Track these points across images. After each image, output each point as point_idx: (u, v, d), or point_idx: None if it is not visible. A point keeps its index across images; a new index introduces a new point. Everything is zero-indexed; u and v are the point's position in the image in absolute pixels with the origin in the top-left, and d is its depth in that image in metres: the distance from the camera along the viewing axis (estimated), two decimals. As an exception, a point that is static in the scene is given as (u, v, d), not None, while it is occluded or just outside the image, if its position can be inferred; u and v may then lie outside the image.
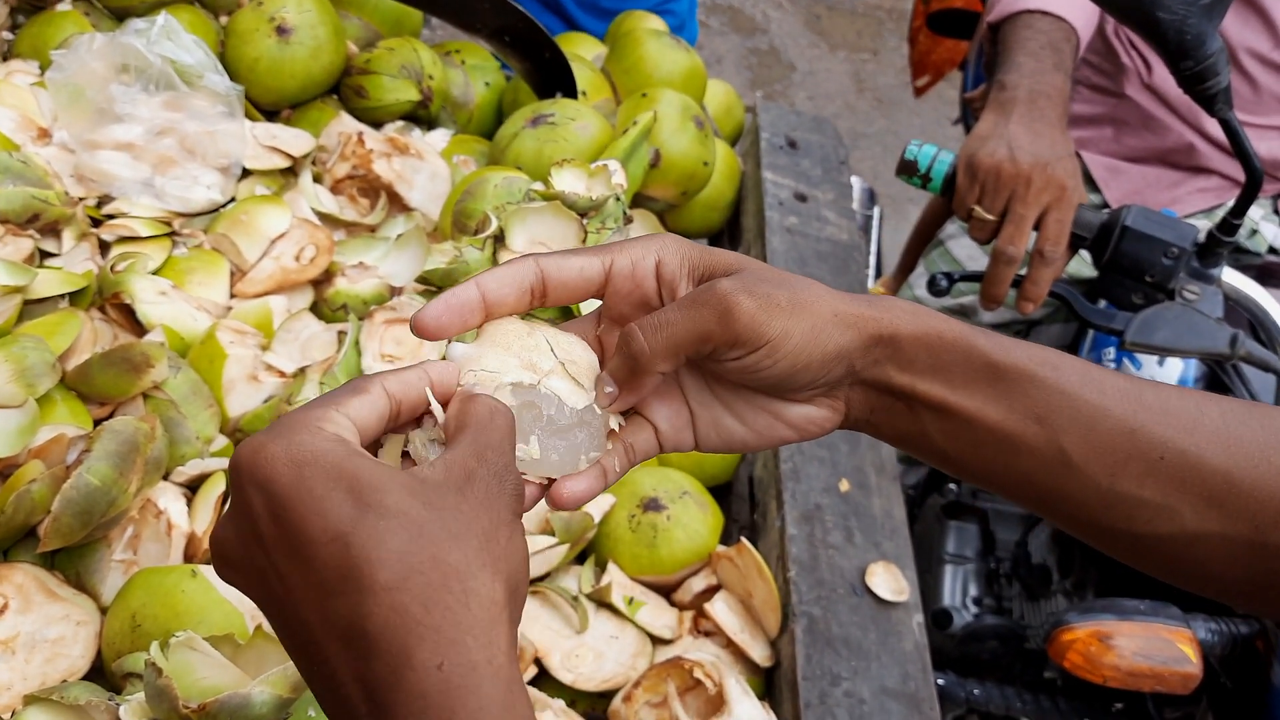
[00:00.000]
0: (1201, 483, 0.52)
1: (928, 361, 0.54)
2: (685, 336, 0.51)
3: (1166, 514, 0.53)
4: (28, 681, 0.79)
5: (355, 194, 1.23)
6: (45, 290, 0.97)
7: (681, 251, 0.54)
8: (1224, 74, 0.98)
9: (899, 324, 0.53)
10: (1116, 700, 1.59)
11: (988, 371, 0.53)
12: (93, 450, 0.79)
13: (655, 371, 0.53)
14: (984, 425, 0.54)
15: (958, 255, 1.75)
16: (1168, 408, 0.53)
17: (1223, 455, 0.52)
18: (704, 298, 0.51)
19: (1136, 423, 0.53)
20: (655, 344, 0.51)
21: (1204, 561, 0.54)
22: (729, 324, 0.50)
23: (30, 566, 0.84)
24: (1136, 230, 1.11)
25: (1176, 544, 0.53)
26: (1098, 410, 0.53)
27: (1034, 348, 0.54)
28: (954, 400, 0.54)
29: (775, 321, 0.51)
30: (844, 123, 3.89)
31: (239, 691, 0.68)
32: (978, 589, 1.69)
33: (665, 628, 0.98)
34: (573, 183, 1.03)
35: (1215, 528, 0.52)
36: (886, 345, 0.53)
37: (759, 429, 0.57)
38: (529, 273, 0.54)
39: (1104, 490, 0.53)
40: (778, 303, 0.51)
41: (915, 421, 0.55)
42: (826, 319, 0.52)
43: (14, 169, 1.02)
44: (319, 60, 1.28)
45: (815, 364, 0.53)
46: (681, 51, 1.42)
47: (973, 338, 0.54)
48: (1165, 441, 0.52)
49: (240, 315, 1.05)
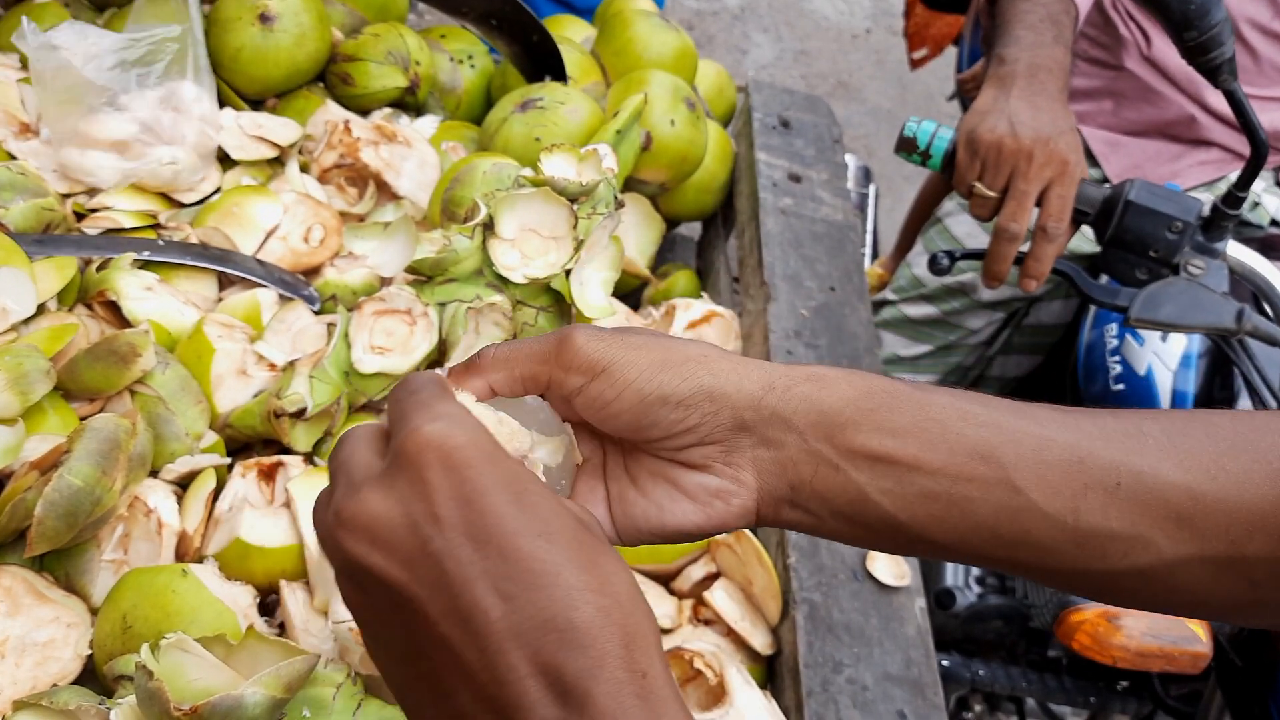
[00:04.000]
0: (1165, 503, 0.49)
1: (848, 412, 0.51)
2: (523, 351, 0.52)
3: (1139, 544, 0.50)
4: (18, 686, 0.78)
5: (343, 183, 1.21)
6: (44, 292, 0.96)
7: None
8: (1228, 45, 0.96)
9: (796, 374, 0.52)
10: (1122, 679, 1.58)
11: (918, 413, 0.50)
12: (73, 450, 0.78)
13: (486, 370, 0.53)
14: (926, 471, 0.50)
15: (956, 233, 1.73)
16: (1107, 430, 0.51)
17: (1178, 470, 0.49)
18: (549, 334, 0.53)
19: (1083, 450, 0.50)
20: (499, 352, 0.53)
21: (1188, 588, 0.51)
22: (563, 348, 0.51)
23: (18, 569, 0.83)
24: (1140, 205, 1.10)
25: (1157, 574, 0.51)
26: (1041, 439, 0.50)
27: (956, 390, 0.52)
28: (888, 448, 0.50)
29: (614, 350, 0.51)
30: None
31: (231, 693, 0.67)
32: (981, 569, 1.68)
33: (664, 617, 0.97)
34: (563, 168, 1.01)
35: (1191, 550, 0.50)
36: (785, 395, 0.51)
37: (658, 501, 0.54)
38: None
39: (1069, 528, 0.50)
40: (624, 338, 0.52)
41: (848, 484, 0.51)
42: (688, 357, 0.51)
43: (18, 183, 1.00)
44: (303, 48, 1.26)
45: (671, 399, 0.51)
46: (671, 32, 1.39)
47: (893, 382, 0.52)
48: (1118, 464, 0.50)
49: (228, 309, 1.03)
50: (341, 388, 0.96)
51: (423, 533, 0.43)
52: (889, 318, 1.82)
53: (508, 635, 0.41)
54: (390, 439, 0.47)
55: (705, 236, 1.54)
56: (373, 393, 0.98)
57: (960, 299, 1.74)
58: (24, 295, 0.92)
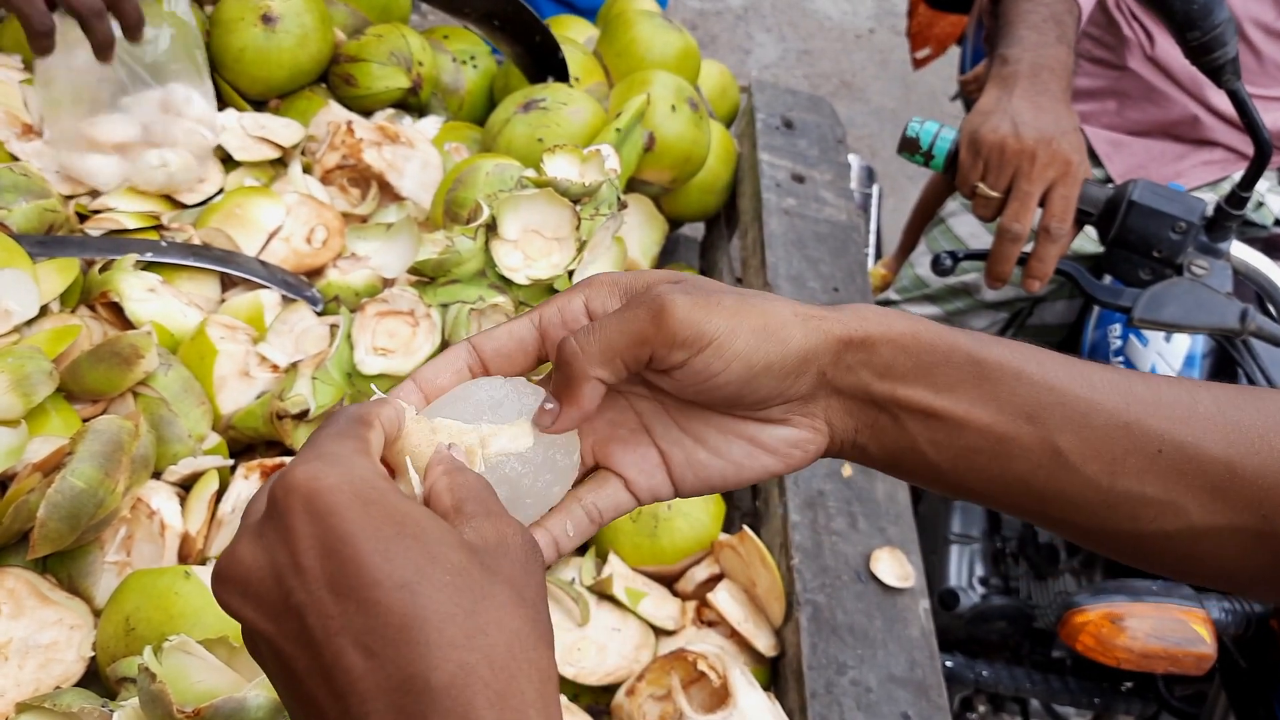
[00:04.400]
0: (1203, 474, 0.50)
1: (907, 365, 0.51)
2: (619, 338, 0.49)
3: (1171, 510, 0.51)
4: (21, 688, 0.78)
5: (345, 184, 1.21)
6: (46, 294, 0.96)
7: (611, 283, 0.52)
8: (1231, 44, 0.96)
9: (869, 327, 0.51)
10: (1126, 680, 1.58)
11: (972, 370, 0.51)
12: (76, 452, 0.78)
13: (591, 378, 0.50)
14: (974, 428, 0.51)
15: (960, 233, 1.73)
16: (1160, 398, 0.51)
17: (1222, 443, 0.50)
18: (638, 299, 0.50)
19: (1130, 416, 0.51)
20: (589, 346, 0.49)
21: (1214, 556, 0.52)
22: (664, 322, 0.48)
23: (22, 570, 0.83)
24: (1143, 205, 1.09)
25: (1184, 540, 0.52)
26: (1090, 405, 0.51)
27: (1016, 344, 0.52)
28: (940, 404, 0.51)
29: (716, 319, 0.48)
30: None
31: (234, 695, 0.66)
32: (984, 569, 1.68)
33: (668, 619, 0.97)
34: (566, 169, 1.01)
35: (1222, 520, 0.51)
36: (858, 349, 0.51)
37: (736, 459, 0.54)
38: (463, 355, 0.53)
39: (1104, 489, 0.51)
40: (719, 302, 0.49)
41: (903, 434, 0.53)
42: (782, 317, 0.50)
43: (21, 185, 1.00)
44: (306, 49, 1.26)
45: (775, 367, 0.50)
46: (674, 32, 1.39)
47: (952, 336, 0.52)
48: (1162, 433, 0.50)
49: (231, 310, 1.03)
50: (344, 389, 0.96)
51: (286, 584, 0.41)
52: (893, 318, 1.81)
53: (370, 694, 0.39)
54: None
55: (708, 237, 1.54)
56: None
57: (963, 299, 1.74)
58: (26, 297, 0.92)
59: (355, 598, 0.40)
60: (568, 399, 0.50)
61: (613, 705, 0.91)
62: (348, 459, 0.43)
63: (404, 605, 0.40)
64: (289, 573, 0.41)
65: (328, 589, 0.40)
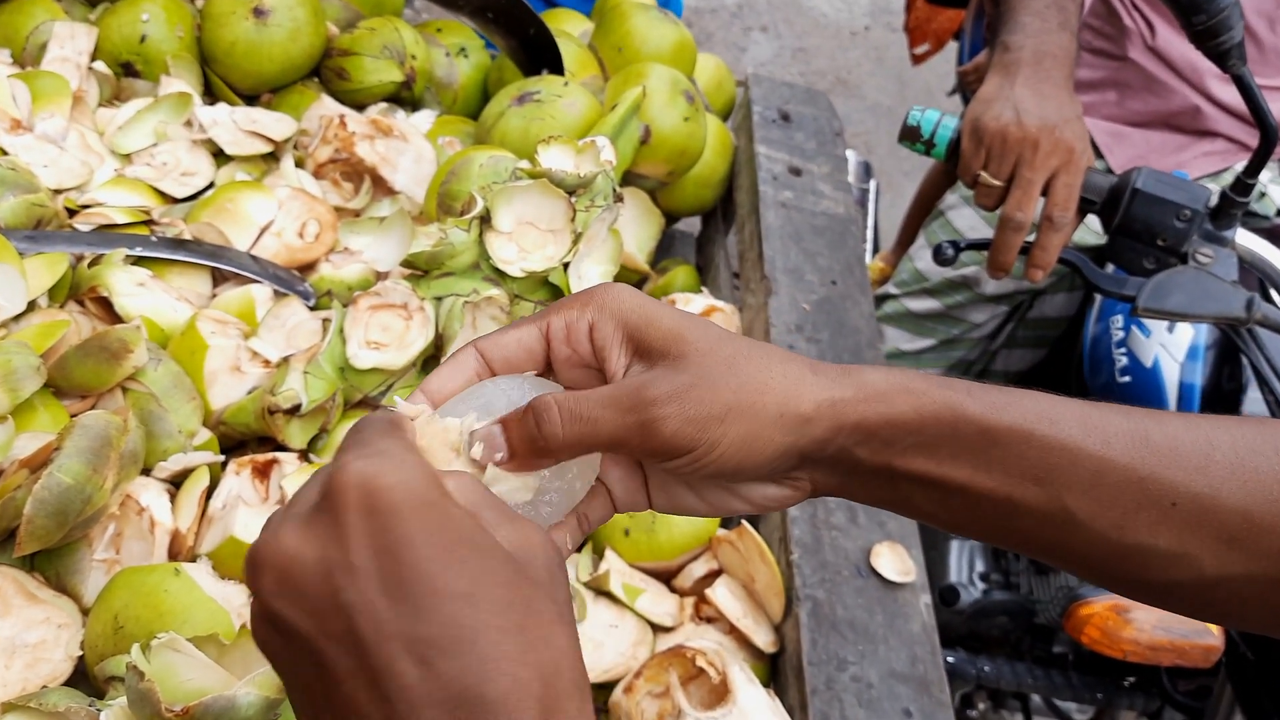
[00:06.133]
0: (1219, 525, 0.48)
1: (908, 442, 0.50)
2: (601, 438, 0.48)
3: (1184, 561, 0.49)
4: (8, 688, 0.76)
5: (338, 178, 1.19)
6: (34, 289, 0.95)
7: (618, 314, 0.50)
8: (1237, 28, 0.95)
9: (867, 410, 0.49)
10: (1129, 674, 1.57)
11: (979, 439, 0.49)
12: (63, 447, 0.76)
13: (559, 458, 0.49)
14: (977, 492, 0.50)
15: (959, 226, 1.72)
16: (1177, 447, 0.49)
17: (1239, 493, 0.48)
18: (631, 402, 0.48)
19: (1145, 470, 0.49)
20: (569, 435, 0.48)
21: (1228, 602, 0.50)
22: (649, 438, 0.47)
23: (8, 568, 0.81)
24: (1147, 193, 1.08)
25: (1197, 589, 0.50)
26: (1102, 462, 0.49)
27: (1028, 400, 0.50)
28: (940, 472, 0.50)
29: (701, 434, 0.48)
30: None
31: (224, 694, 0.65)
32: (984, 564, 1.67)
33: (666, 615, 0.96)
34: (560, 160, 1.00)
35: (1238, 569, 0.49)
36: (853, 432, 0.50)
37: (711, 501, 0.54)
38: (470, 361, 0.52)
39: (1113, 543, 0.49)
40: (709, 413, 0.48)
41: (896, 491, 0.52)
42: (768, 422, 0.49)
43: (8, 179, 0.99)
44: (298, 42, 1.25)
45: (751, 467, 0.50)
46: (670, 25, 1.38)
47: (961, 405, 0.49)
48: (1177, 486, 0.48)
49: (222, 304, 1.02)
50: (337, 384, 0.94)
51: (335, 581, 0.40)
52: (891, 312, 1.80)
53: (422, 704, 0.38)
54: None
55: (705, 231, 1.52)
56: (368, 388, 0.96)
57: (963, 292, 1.73)
58: (14, 291, 0.91)
59: (413, 603, 0.39)
60: (522, 462, 0.49)
61: (610, 703, 0.89)
62: (404, 458, 0.42)
63: (463, 616, 0.39)
64: (340, 569, 0.40)
65: (382, 591, 0.39)
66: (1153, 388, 1.42)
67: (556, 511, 0.52)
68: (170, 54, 1.24)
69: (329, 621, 0.40)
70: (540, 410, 0.48)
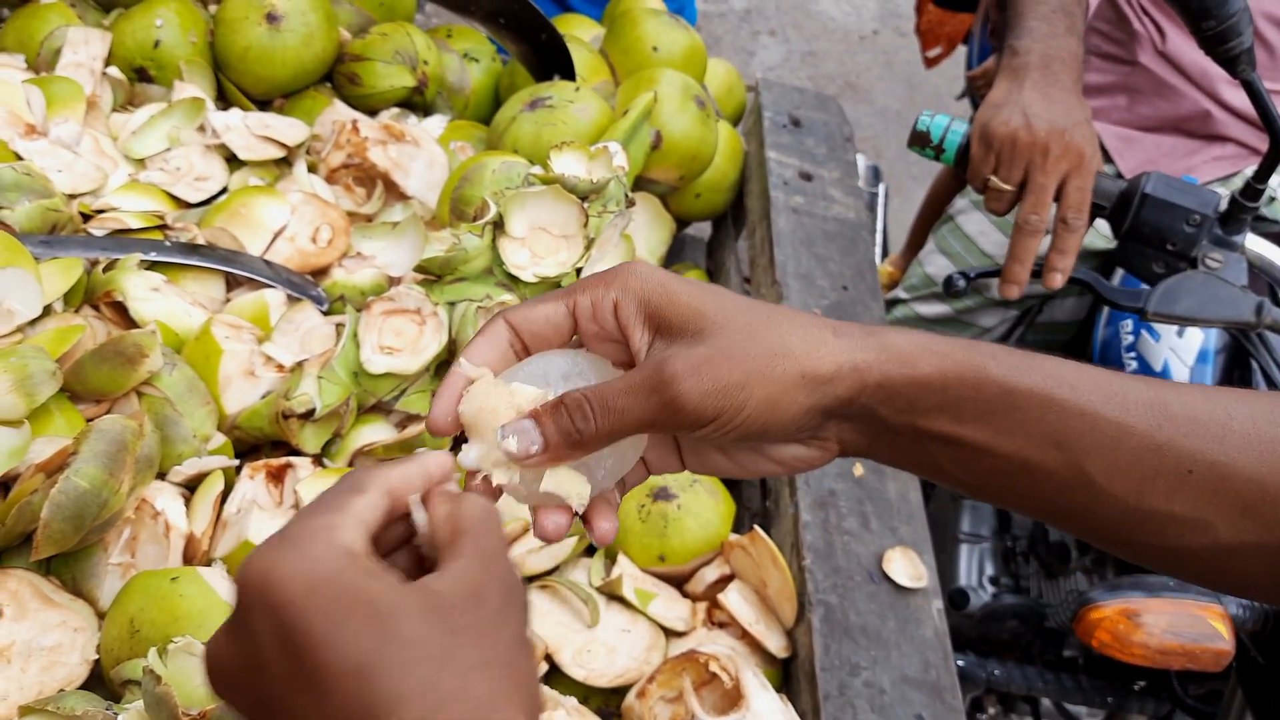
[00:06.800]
0: (1234, 493, 0.50)
1: (931, 401, 0.51)
2: (630, 424, 0.50)
3: (1199, 527, 0.50)
4: (24, 691, 0.77)
5: (351, 183, 1.20)
6: (50, 294, 0.95)
7: (640, 293, 0.52)
8: (1247, 34, 0.95)
9: (891, 370, 0.51)
10: (1139, 678, 1.57)
11: (1002, 401, 0.51)
12: (79, 452, 0.77)
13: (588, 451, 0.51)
14: (999, 454, 0.51)
15: (968, 230, 1.72)
16: (1195, 416, 0.50)
17: (1255, 462, 0.49)
18: (653, 382, 0.49)
19: (1163, 437, 0.50)
20: (602, 428, 0.50)
21: (1242, 571, 0.51)
22: (673, 414, 0.49)
23: (25, 572, 0.82)
24: (1157, 198, 1.08)
25: (1212, 555, 0.51)
26: (1121, 428, 0.50)
27: (1051, 365, 0.51)
28: (963, 432, 0.51)
29: (724, 401, 0.49)
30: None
31: (240, 698, 0.66)
32: (994, 568, 1.66)
33: (678, 620, 0.96)
34: (573, 166, 1.00)
35: (1252, 537, 0.50)
36: (876, 391, 0.51)
37: (742, 463, 0.56)
38: (503, 333, 0.54)
39: (1131, 508, 0.51)
40: (729, 381, 0.49)
41: (922, 453, 0.53)
42: (790, 384, 0.50)
43: (24, 184, 0.99)
44: (311, 48, 1.26)
45: (776, 428, 0.51)
46: (681, 30, 1.38)
47: (984, 366, 0.51)
48: (1194, 454, 0.50)
49: (236, 309, 1.02)
50: (350, 388, 0.95)
51: (252, 680, 0.42)
52: (901, 316, 1.80)
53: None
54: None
55: (715, 236, 1.53)
56: (382, 393, 0.97)
57: (973, 297, 1.73)
58: (30, 296, 0.91)
59: (311, 690, 0.40)
60: (556, 454, 0.50)
61: (623, 707, 0.89)
62: (306, 541, 0.43)
63: (359, 690, 0.39)
64: (254, 670, 0.42)
65: (288, 683, 0.40)
66: (1163, 392, 1.42)
67: (610, 476, 0.53)
68: (183, 59, 1.25)
69: (258, 714, 0.43)
70: (572, 407, 0.50)
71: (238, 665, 0.43)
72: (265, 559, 0.42)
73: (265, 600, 0.41)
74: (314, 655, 0.40)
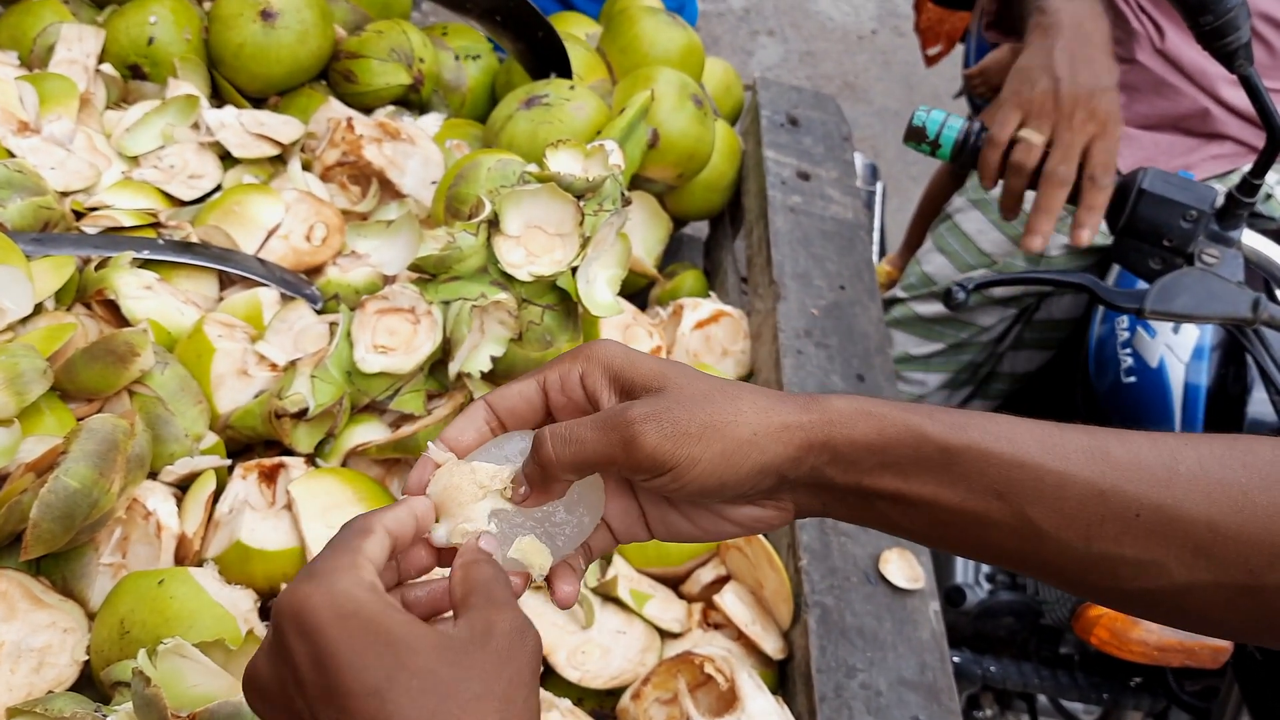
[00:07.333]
0: (1184, 535, 0.50)
1: (872, 461, 0.54)
2: (591, 456, 0.54)
3: (1152, 569, 0.51)
4: (13, 693, 0.76)
5: (345, 181, 1.19)
6: (41, 292, 0.95)
7: (605, 361, 0.57)
8: (1244, 29, 0.94)
9: (833, 431, 0.54)
10: (1135, 674, 1.56)
11: (940, 458, 0.53)
12: (69, 451, 0.76)
13: (561, 480, 0.56)
14: (945, 507, 0.53)
15: (967, 229, 1.71)
16: (1139, 461, 0.51)
17: (1204, 504, 0.50)
18: (614, 421, 0.53)
19: (1106, 484, 0.51)
20: (563, 456, 0.54)
21: (1200, 610, 0.52)
22: (632, 452, 0.52)
23: (14, 573, 0.81)
24: (1154, 193, 1.08)
25: (1168, 596, 0.52)
26: (1062, 477, 0.51)
27: (986, 421, 0.53)
28: (908, 489, 0.54)
29: (680, 450, 0.52)
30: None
31: (230, 700, 0.65)
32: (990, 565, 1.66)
33: (674, 621, 0.95)
34: (569, 164, 0.99)
35: (1207, 577, 0.51)
36: (821, 452, 0.54)
37: (705, 527, 0.59)
38: (481, 413, 0.59)
39: (1081, 553, 0.52)
40: (686, 430, 0.52)
41: (872, 509, 0.56)
42: (742, 441, 0.53)
43: (16, 181, 0.99)
44: (306, 45, 1.25)
45: (732, 483, 0.54)
46: (678, 29, 1.38)
47: (921, 426, 0.53)
48: (1139, 498, 0.51)
49: (229, 308, 1.02)
50: (344, 388, 0.94)
51: (289, 694, 0.48)
52: (899, 316, 1.80)
53: None
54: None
55: (712, 236, 1.52)
56: (375, 393, 0.96)
57: (972, 296, 1.72)
58: (21, 294, 0.91)
59: (336, 705, 0.46)
60: (538, 490, 0.57)
61: (618, 709, 0.89)
62: (330, 576, 0.49)
63: (373, 711, 0.45)
64: (291, 686, 0.48)
65: (320, 699, 0.46)
66: (1158, 388, 1.41)
67: (570, 542, 0.58)
68: (178, 56, 1.24)
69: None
70: (538, 441, 0.55)
71: (275, 682, 0.49)
72: (300, 592, 0.48)
73: (301, 626, 0.47)
74: (340, 676, 0.46)
